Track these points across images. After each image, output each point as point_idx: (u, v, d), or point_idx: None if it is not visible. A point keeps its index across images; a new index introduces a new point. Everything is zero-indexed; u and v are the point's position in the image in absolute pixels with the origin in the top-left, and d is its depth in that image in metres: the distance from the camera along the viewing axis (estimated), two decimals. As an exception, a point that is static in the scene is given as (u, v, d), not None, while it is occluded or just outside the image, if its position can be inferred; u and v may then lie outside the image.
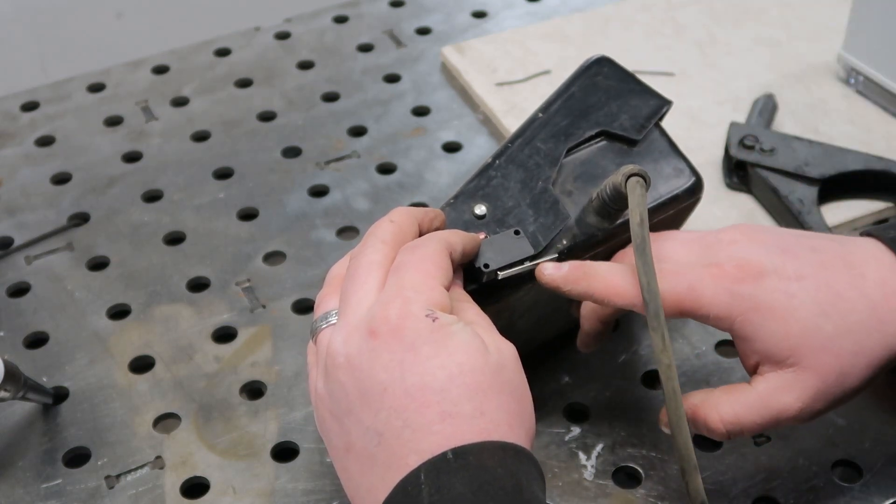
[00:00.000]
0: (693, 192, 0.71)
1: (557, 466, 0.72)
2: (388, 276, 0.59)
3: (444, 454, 0.53)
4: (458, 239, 0.62)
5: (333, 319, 0.61)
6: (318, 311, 0.62)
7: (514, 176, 0.68)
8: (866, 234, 0.66)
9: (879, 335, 0.61)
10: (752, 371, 0.64)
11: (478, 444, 0.53)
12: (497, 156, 0.69)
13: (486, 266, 0.64)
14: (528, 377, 0.60)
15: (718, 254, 0.64)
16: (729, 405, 0.63)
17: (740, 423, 0.63)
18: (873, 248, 0.64)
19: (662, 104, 0.72)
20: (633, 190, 0.63)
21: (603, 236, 0.68)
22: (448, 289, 0.59)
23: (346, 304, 0.59)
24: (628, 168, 0.63)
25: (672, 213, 0.71)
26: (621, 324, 0.82)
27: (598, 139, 0.70)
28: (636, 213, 0.62)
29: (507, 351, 0.58)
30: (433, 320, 0.56)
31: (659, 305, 0.60)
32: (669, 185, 0.70)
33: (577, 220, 0.68)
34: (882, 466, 0.71)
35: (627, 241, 0.70)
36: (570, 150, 0.69)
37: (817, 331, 0.61)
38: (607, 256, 0.70)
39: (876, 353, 0.62)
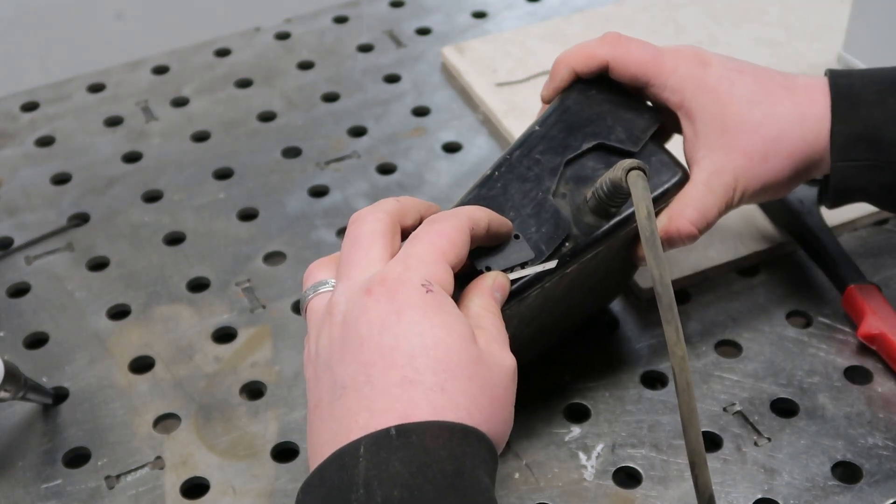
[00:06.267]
0: (681, 186, 0.71)
1: (557, 466, 0.72)
2: (391, 245, 0.60)
3: (387, 430, 0.53)
4: (483, 214, 0.62)
5: (323, 289, 0.61)
6: (308, 281, 0.63)
7: (514, 187, 0.68)
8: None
9: (799, 126, 0.71)
10: (690, 156, 0.73)
11: (422, 424, 0.53)
12: (497, 167, 0.69)
13: (489, 269, 0.64)
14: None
15: (684, 48, 0.74)
16: (689, 207, 0.71)
17: (704, 216, 0.71)
18: (814, 78, 0.74)
19: (655, 118, 0.73)
20: (636, 183, 0.63)
21: (602, 235, 0.68)
22: (457, 267, 0.59)
23: (349, 269, 0.59)
24: (627, 163, 0.63)
25: (662, 208, 0.71)
26: (621, 324, 0.82)
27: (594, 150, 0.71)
28: (642, 207, 0.62)
29: (503, 362, 0.58)
30: (427, 291, 0.56)
31: (672, 298, 0.59)
32: (657, 180, 0.71)
33: (574, 222, 0.68)
34: (882, 466, 0.71)
35: (626, 238, 0.70)
36: (568, 163, 0.70)
37: (747, 114, 0.71)
38: (608, 255, 0.70)
39: (796, 144, 0.71)
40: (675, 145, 0.75)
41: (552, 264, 0.65)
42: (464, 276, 0.62)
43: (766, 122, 0.71)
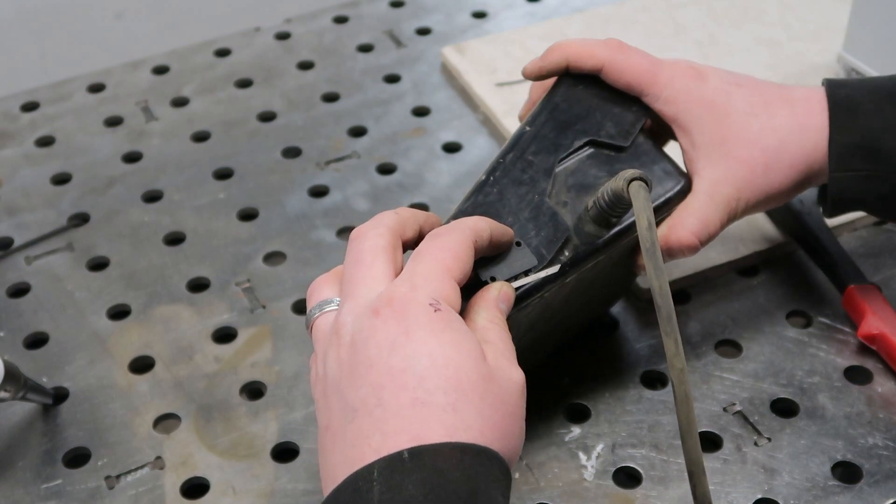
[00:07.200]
0: (684, 194, 0.71)
1: (557, 466, 0.72)
2: (394, 260, 0.60)
3: (399, 453, 0.52)
4: (485, 225, 0.62)
5: (328, 307, 0.61)
6: (313, 300, 0.62)
7: (510, 191, 0.68)
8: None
9: (798, 137, 0.71)
10: (691, 165, 0.72)
11: (435, 446, 0.53)
12: (491, 172, 0.69)
13: (493, 279, 0.63)
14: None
15: (682, 63, 0.74)
16: (690, 217, 0.70)
17: (706, 226, 0.71)
18: (812, 89, 0.73)
19: (644, 112, 0.73)
20: (637, 194, 0.62)
21: (602, 244, 0.67)
22: (463, 282, 0.59)
23: (353, 287, 0.59)
24: (629, 173, 0.63)
25: (665, 217, 0.71)
26: (621, 324, 0.82)
27: (586, 148, 0.70)
28: (643, 217, 0.61)
29: (512, 377, 0.58)
30: (435, 310, 0.56)
31: (672, 309, 0.59)
32: (660, 188, 0.70)
33: (575, 231, 0.67)
34: (882, 466, 0.71)
35: (627, 247, 0.70)
36: (559, 161, 0.69)
37: (746, 126, 0.71)
38: (608, 264, 0.70)
39: (796, 155, 0.71)
40: (677, 154, 0.75)
41: (555, 268, 0.65)
42: (468, 287, 0.61)
43: (765, 134, 0.71)
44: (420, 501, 0.51)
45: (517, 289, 0.64)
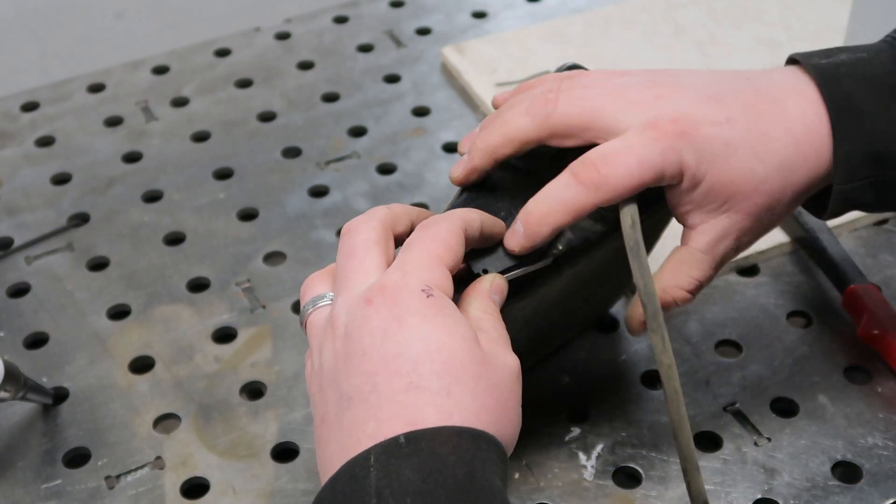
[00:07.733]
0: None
1: (557, 466, 0.72)
2: (386, 253, 0.60)
3: (396, 438, 0.52)
4: (476, 216, 0.62)
5: (322, 302, 0.61)
6: (307, 296, 0.62)
7: (503, 186, 0.68)
8: (791, 60, 0.67)
9: (803, 169, 0.64)
10: (684, 220, 0.65)
11: (431, 430, 0.53)
12: None
13: (486, 271, 0.63)
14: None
15: (649, 111, 0.63)
16: (685, 276, 0.65)
17: (700, 283, 0.66)
18: (793, 79, 0.65)
19: None
20: None
21: (597, 239, 0.67)
22: (454, 269, 0.59)
23: (347, 280, 0.59)
24: None
25: (658, 215, 0.71)
26: (621, 323, 0.82)
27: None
28: (627, 215, 0.61)
29: (507, 362, 0.58)
30: (427, 296, 0.56)
31: (657, 307, 0.59)
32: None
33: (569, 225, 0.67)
34: (882, 466, 0.71)
35: (622, 244, 0.70)
36: (553, 157, 0.69)
37: (751, 174, 0.63)
38: (603, 260, 0.70)
39: (800, 185, 0.64)
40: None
41: (548, 261, 0.65)
42: (460, 280, 0.62)
43: (769, 177, 0.64)
44: (417, 486, 0.51)
45: (510, 281, 0.64)
